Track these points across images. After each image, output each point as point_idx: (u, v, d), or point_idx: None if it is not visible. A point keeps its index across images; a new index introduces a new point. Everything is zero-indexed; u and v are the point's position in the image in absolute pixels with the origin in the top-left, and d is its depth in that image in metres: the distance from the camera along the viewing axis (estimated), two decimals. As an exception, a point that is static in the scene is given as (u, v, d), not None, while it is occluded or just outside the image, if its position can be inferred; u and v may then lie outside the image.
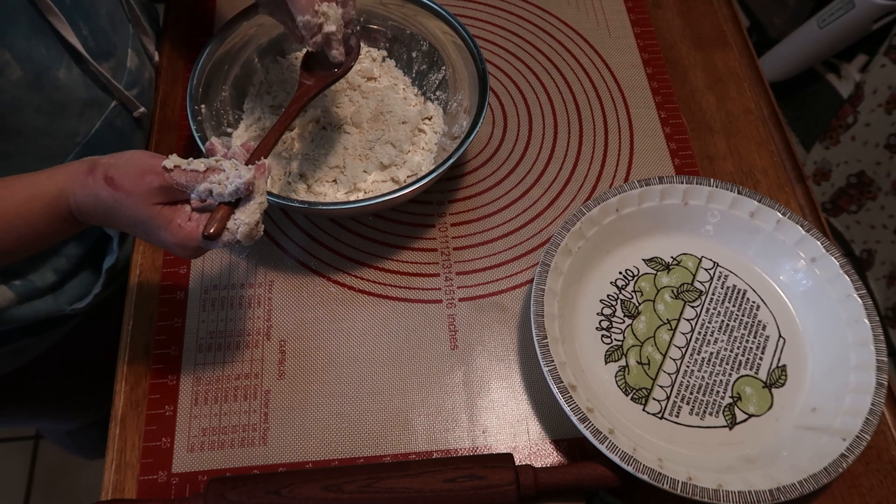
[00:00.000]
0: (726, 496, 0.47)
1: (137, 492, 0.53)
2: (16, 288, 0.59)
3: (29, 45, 0.50)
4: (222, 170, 0.43)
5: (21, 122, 0.52)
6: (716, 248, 0.62)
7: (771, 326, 0.59)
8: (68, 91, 0.54)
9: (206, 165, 0.43)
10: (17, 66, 0.49)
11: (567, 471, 0.51)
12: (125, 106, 0.62)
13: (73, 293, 0.65)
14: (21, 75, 0.49)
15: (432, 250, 0.64)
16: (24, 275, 0.59)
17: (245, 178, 0.43)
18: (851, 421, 0.51)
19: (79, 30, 0.54)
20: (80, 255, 0.63)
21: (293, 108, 0.55)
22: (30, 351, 0.67)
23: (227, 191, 0.43)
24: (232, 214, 0.44)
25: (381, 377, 0.58)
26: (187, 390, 0.57)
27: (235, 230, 0.44)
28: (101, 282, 0.66)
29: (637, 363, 0.57)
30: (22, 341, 0.65)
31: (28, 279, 0.60)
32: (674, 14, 0.81)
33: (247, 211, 0.44)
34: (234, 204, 0.44)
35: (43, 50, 0.51)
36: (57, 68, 0.53)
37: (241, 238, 0.44)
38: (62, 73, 0.53)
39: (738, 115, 0.73)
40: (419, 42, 0.69)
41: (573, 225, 0.58)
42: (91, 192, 0.43)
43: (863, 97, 1.30)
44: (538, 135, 0.72)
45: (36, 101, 0.52)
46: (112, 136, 0.61)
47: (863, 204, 1.38)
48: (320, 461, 0.54)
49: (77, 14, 0.54)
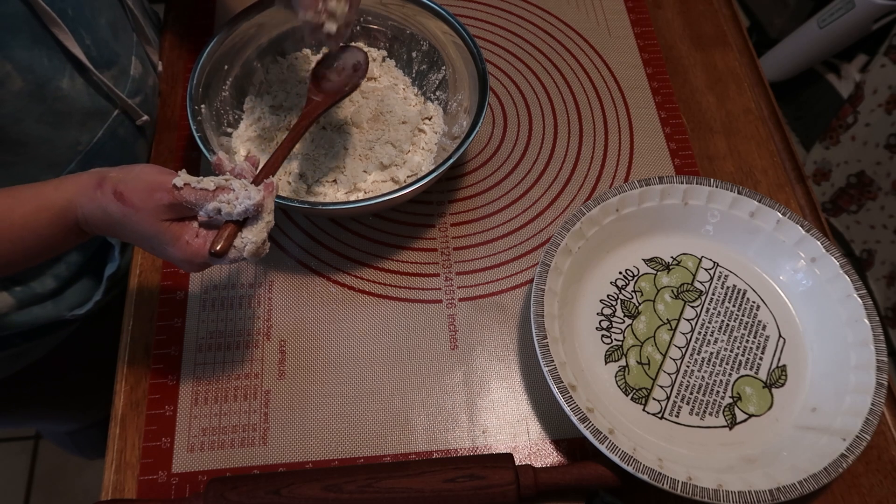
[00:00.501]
0: (726, 496, 0.47)
1: (137, 492, 0.53)
2: (16, 294, 0.59)
3: (30, 56, 0.49)
4: (232, 189, 0.43)
5: (23, 133, 0.52)
6: (716, 248, 0.62)
7: (771, 326, 0.59)
8: (71, 101, 0.54)
9: (216, 184, 0.43)
10: (18, 78, 0.49)
11: (567, 471, 0.51)
12: (128, 114, 0.62)
13: (74, 300, 0.65)
14: (22, 86, 0.49)
15: (432, 250, 0.64)
16: (24, 281, 0.59)
17: (255, 200, 0.43)
18: (851, 421, 0.51)
19: (81, 39, 0.54)
20: (82, 262, 0.63)
21: (301, 124, 0.55)
22: (29, 355, 0.67)
23: (235, 210, 0.43)
24: (239, 233, 0.44)
25: (381, 377, 0.58)
26: (187, 390, 0.57)
27: (242, 248, 0.44)
28: (101, 289, 0.66)
29: (637, 363, 0.57)
30: (21, 346, 0.65)
31: (28, 286, 0.60)
32: (674, 14, 0.81)
33: (254, 230, 0.44)
34: (242, 222, 0.44)
35: (45, 61, 0.51)
36: (59, 78, 0.52)
37: (247, 256, 0.44)
38: (65, 82, 0.53)
39: (738, 115, 0.73)
40: (419, 42, 0.69)
41: (573, 225, 0.58)
42: (99, 205, 0.43)
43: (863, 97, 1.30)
44: (538, 135, 0.72)
45: (38, 112, 0.52)
46: (114, 145, 0.61)
47: (863, 204, 1.38)
48: (320, 461, 0.54)
49: (79, 24, 0.54)
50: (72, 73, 0.54)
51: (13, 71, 0.48)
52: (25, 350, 0.66)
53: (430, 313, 0.61)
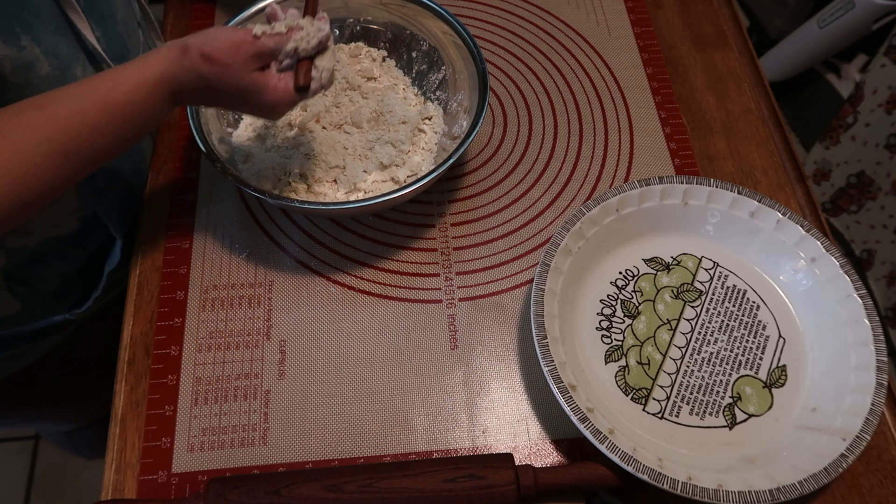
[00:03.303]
0: (726, 496, 0.47)
1: (137, 492, 0.53)
2: (19, 294, 0.59)
3: (54, 40, 0.50)
4: (301, 27, 0.49)
5: None
6: (716, 248, 0.62)
7: (771, 326, 0.59)
8: None
9: (287, 26, 0.48)
10: (45, 62, 0.50)
11: (567, 471, 0.51)
12: None
13: (75, 298, 0.65)
14: (49, 71, 0.50)
15: (432, 250, 0.64)
16: (28, 281, 0.59)
17: (325, 31, 0.49)
18: (851, 421, 0.51)
19: (92, 30, 0.55)
20: (84, 259, 0.64)
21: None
22: (27, 356, 0.67)
23: (311, 45, 0.49)
24: (313, 66, 0.50)
25: (381, 377, 0.58)
26: (187, 390, 0.57)
27: (320, 77, 0.50)
28: (101, 285, 0.66)
29: (637, 363, 0.57)
30: (20, 347, 0.65)
31: (32, 285, 0.60)
32: (674, 14, 0.81)
33: (325, 59, 0.51)
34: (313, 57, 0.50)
35: (64, 48, 0.51)
36: (75, 66, 0.53)
37: (325, 83, 0.51)
38: (79, 71, 0.54)
39: (738, 115, 0.73)
40: (419, 42, 0.69)
41: (573, 225, 0.58)
42: (191, 70, 0.46)
43: (863, 97, 1.30)
44: (538, 135, 0.72)
45: None
46: None
47: (863, 204, 1.38)
48: (320, 461, 0.54)
49: (91, 15, 0.55)
50: (84, 62, 0.54)
51: (41, 55, 0.49)
52: (24, 352, 0.66)
53: (430, 313, 0.61)
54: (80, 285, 0.65)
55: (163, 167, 0.69)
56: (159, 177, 0.68)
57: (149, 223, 0.65)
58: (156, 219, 0.65)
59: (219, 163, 0.57)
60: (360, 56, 0.71)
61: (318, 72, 0.50)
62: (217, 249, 0.64)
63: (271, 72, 0.49)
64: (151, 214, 0.66)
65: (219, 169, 0.57)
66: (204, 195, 0.67)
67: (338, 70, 0.69)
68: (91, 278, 0.66)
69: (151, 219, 0.65)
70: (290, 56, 0.49)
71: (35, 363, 0.68)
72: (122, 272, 0.67)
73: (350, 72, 0.69)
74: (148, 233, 0.65)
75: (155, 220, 0.65)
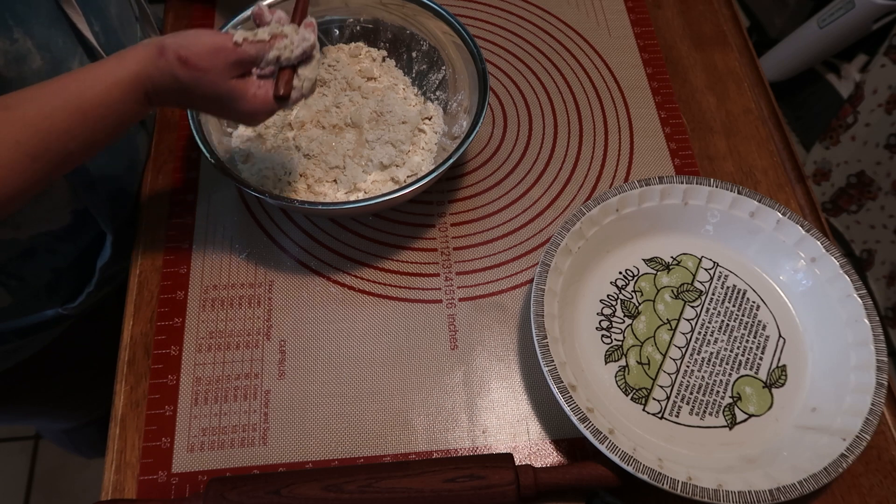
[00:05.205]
0: (726, 496, 0.47)
1: (137, 492, 0.53)
2: (11, 288, 0.59)
3: (48, 34, 0.50)
4: (285, 35, 0.47)
5: None
6: (716, 248, 0.62)
7: (771, 326, 0.59)
8: None
9: (270, 33, 0.47)
10: (37, 55, 0.49)
11: (567, 471, 0.51)
12: None
13: (67, 293, 0.64)
14: (41, 65, 0.50)
15: (432, 250, 0.64)
16: (19, 275, 0.59)
17: (311, 41, 0.48)
18: (851, 421, 0.51)
19: (90, 24, 0.54)
20: (76, 253, 0.63)
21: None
22: (21, 352, 0.66)
23: (294, 55, 0.47)
24: (295, 74, 0.49)
25: (381, 377, 0.58)
26: (187, 390, 0.57)
27: (301, 87, 0.49)
28: (94, 280, 0.66)
29: (637, 363, 0.57)
30: (14, 342, 0.65)
31: (24, 279, 0.60)
32: (674, 14, 0.81)
33: (309, 68, 0.49)
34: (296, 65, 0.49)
35: (59, 42, 0.51)
36: (71, 61, 0.53)
37: (305, 93, 0.49)
38: (75, 65, 0.53)
39: (738, 115, 0.73)
40: (419, 42, 0.69)
41: (573, 225, 0.58)
42: (167, 71, 0.44)
43: (863, 97, 1.30)
44: (538, 135, 0.72)
45: None
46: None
47: (863, 204, 1.38)
48: (320, 461, 0.54)
49: (89, 9, 0.54)
50: (82, 56, 0.54)
51: (33, 48, 0.48)
52: (18, 347, 0.66)
53: (430, 313, 0.61)
54: (72, 280, 0.65)
55: (163, 167, 0.68)
56: (159, 177, 0.68)
57: (148, 223, 0.65)
58: (155, 219, 0.65)
59: (219, 163, 0.57)
60: (360, 56, 0.71)
61: (300, 81, 0.49)
62: (217, 249, 0.64)
63: (251, 79, 0.47)
64: (151, 214, 0.66)
65: (219, 169, 0.57)
66: (204, 195, 0.67)
67: (338, 70, 0.69)
68: (83, 273, 0.66)
69: (151, 219, 0.65)
70: (272, 63, 0.48)
71: (30, 359, 0.67)
72: (114, 267, 0.67)
73: (350, 72, 0.69)
74: (148, 233, 0.65)
75: (155, 220, 0.65)
